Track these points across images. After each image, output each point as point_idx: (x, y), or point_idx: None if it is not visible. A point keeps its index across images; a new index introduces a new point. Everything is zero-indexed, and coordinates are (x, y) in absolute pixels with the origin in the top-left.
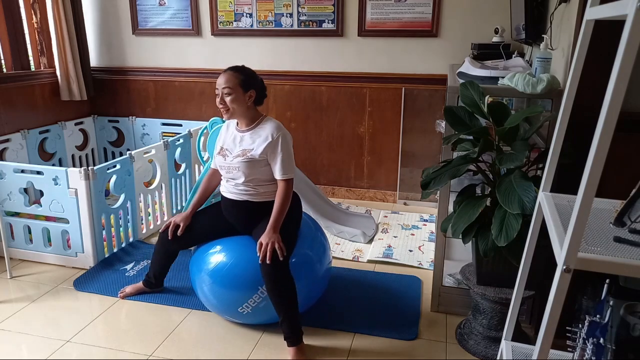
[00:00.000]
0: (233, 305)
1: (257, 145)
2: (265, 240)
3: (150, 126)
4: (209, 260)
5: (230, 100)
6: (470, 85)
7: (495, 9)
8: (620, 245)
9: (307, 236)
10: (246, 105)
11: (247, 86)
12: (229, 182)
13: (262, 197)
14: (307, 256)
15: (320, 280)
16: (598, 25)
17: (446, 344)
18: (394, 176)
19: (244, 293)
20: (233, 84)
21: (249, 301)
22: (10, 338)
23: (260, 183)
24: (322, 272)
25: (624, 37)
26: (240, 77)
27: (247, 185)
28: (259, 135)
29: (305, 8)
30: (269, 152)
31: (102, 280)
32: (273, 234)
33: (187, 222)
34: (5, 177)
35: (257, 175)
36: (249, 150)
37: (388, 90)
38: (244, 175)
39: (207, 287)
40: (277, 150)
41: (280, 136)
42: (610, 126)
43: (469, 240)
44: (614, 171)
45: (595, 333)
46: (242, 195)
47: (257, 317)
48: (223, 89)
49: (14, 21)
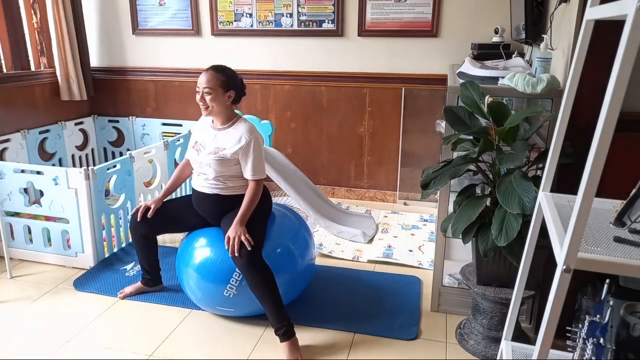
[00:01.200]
0: (219, 291)
1: (229, 145)
2: (232, 234)
3: (150, 126)
4: (191, 255)
5: (210, 99)
6: (470, 85)
7: (495, 9)
8: (620, 245)
9: (290, 230)
10: (224, 105)
11: (227, 87)
12: (200, 175)
13: (231, 191)
14: (288, 249)
15: (301, 275)
16: (598, 25)
17: (446, 344)
18: (394, 176)
19: (225, 276)
20: (214, 84)
21: (231, 281)
22: (10, 338)
23: (229, 179)
24: (303, 267)
25: (624, 37)
26: (221, 78)
27: (217, 180)
28: (232, 136)
29: (305, 8)
30: (241, 154)
31: (102, 280)
32: (239, 227)
33: (158, 206)
34: (5, 177)
35: (227, 172)
36: (221, 149)
37: (388, 90)
38: (215, 172)
39: (193, 281)
40: (249, 153)
41: (253, 139)
42: (610, 126)
43: (469, 240)
44: (614, 171)
45: (595, 333)
46: (212, 188)
47: (246, 300)
48: (204, 88)
49: (14, 21)
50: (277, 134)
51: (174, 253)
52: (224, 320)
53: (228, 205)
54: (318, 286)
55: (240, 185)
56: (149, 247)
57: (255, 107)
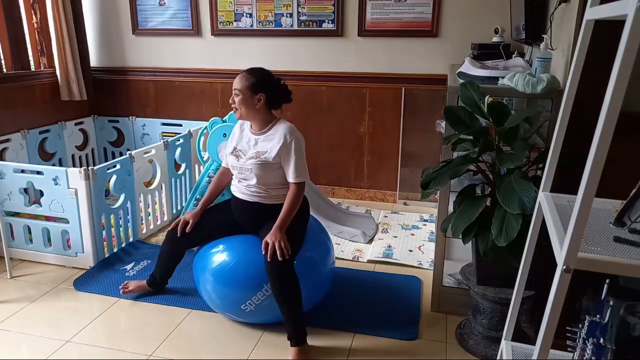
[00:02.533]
0: (236, 303)
1: (270, 148)
2: (270, 239)
3: (150, 126)
4: (213, 259)
5: (238, 102)
6: (470, 85)
7: (495, 9)
8: (620, 245)
9: (312, 238)
10: (255, 108)
11: (256, 89)
12: (241, 182)
13: (273, 200)
14: (311, 258)
15: (323, 281)
16: (598, 25)
17: (446, 344)
18: (394, 176)
19: (248, 291)
20: (242, 86)
21: (252, 299)
22: (10, 338)
23: (272, 186)
24: (325, 273)
25: (624, 37)
26: (251, 80)
27: (259, 187)
28: (272, 139)
29: (305, 8)
30: (282, 155)
31: (102, 280)
32: (279, 234)
33: (197, 219)
34: (5, 177)
35: (270, 179)
36: (263, 153)
37: (388, 90)
38: (257, 177)
39: (210, 285)
40: (291, 153)
41: (294, 140)
42: (610, 126)
43: (469, 240)
44: (614, 171)
45: (595, 333)
46: (253, 196)
47: (260, 316)
48: (234, 89)
49: (14, 21)
50: None
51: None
52: (225, 320)
53: (268, 214)
54: None
55: (282, 194)
56: (176, 258)
57: None
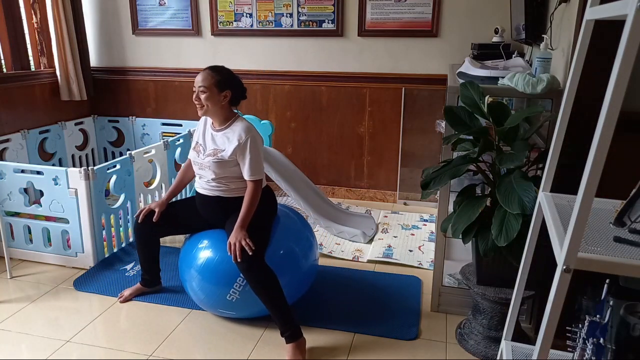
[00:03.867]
0: (221, 294)
1: (227, 146)
2: (232, 239)
3: (150, 126)
4: (194, 257)
5: (204, 98)
6: (470, 85)
7: (495, 9)
8: (620, 245)
9: (292, 231)
10: (220, 105)
11: (222, 86)
12: (202, 178)
13: (233, 193)
14: (292, 250)
15: (305, 275)
16: (598, 25)
17: (446, 344)
18: (394, 176)
19: (228, 279)
20: (208, 83)
21: (234, 285)
22: (10, 338)
23: (230, 180)
24: (307, 267)
25: (624, 37)
26: (217, 77)
27: (218, 182)
28: (229, 137)
29: (305, 8)
30: (238, 154)
31: (102, 280)
32: (240, 232)
33: (162, 209)
34: (5, 177)
35: (227, 174)
36: (220, 151)
37: (388, 90)
38: (214, 174)
39: (195, 283)
40: (246, 152)
41: (250, 138)
42: (610, 126)
43: (469, 240)
44: (614, 171)
45: (595, 333)
46: (214, 191)
47: (248, 304)
48: (199, 87)
49: (14, 21)
50: (277, 134)
51: (174, 253)
52: (224, 320)
53: (231, 207)
54: (318, 286)
55: (242, 187)
56: (150, 248)
57: (255, 107)
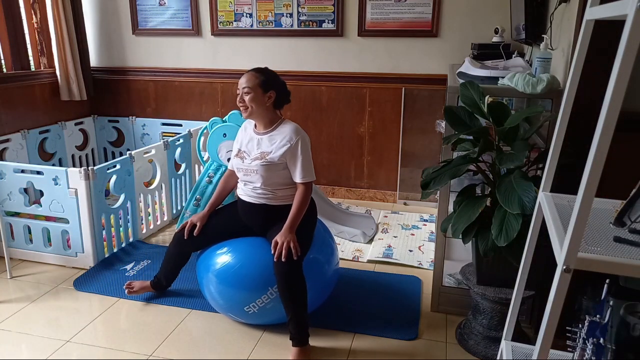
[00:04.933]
0: (240, 304)
1: (275, 148)
2: (281, 239)
3: (150, 126)
4: (217, 260)
5: (249, 99)
6: (470, 85)
7: (495, 9)
8: (620, 245)
9: (317, 239)
10: (265, 106)
11: (267, 87)
12: (247, 185)
13: (280, 201)
14: (317, 259)
15: (328, 283)
16: (598, 25)
17: (446, 344)
18: (394, 176)
19: (253, 293)
20: (253, 84)
21: (256, 301)
22: (10, 338)
23: (277, 187)
24: (330, 274)
25: (624, 37)
26: (261, 78)
27: (265, 188)
28: (277, 139)
29: (305, 8)
30: (288, 156)
31: (102, 280)
32: (289, 234)
33: (204, 222)
34: (5, 177)
35: (275, 179)
36: (268, 153)
37: (388, 90)
38: (262, 178)
39: (214, 286)
40: (297, 154)
41: (300, 140)
42: (610, 126)
43: (469, 240)
44: (614, 171)
45: (595, 333)
46: (260, 198)
47: (261, 318)
48: (243, 88)
49: (14, 21)
50: None
51: None
52: (224, 320)
53: (276, 215)
54: None
55: (289, 195)
56: (182, 260)
57: None
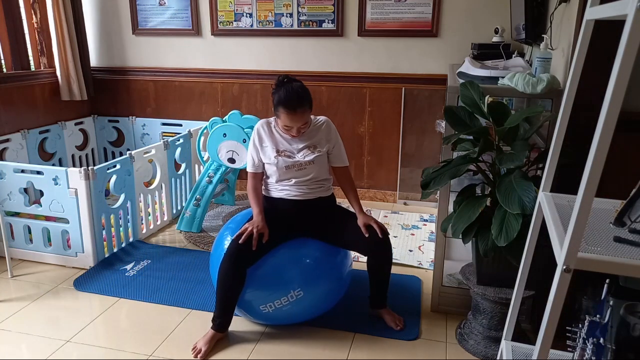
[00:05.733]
0: (258, 302)
1: (319, 139)
2: (369, 221)
3: (150, 126)
4: None
5: (306, 127)
6: (470, 85)
7: (495, 9)
8: (620, 245)
9: None
10: None
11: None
12: (299, 182)
13: (329, 191)
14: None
15: (343, 282)
16: (598, 25)
17: (446, 344)
18: (394, 176)
19: (275, 293)
20: (308, 116)
21: (275, 302)
22: (10, 338)
23: (325, 177)
24: (346, 272)
25: (624, 37)
26: (309, 105)
27: (318, 182)
28: (314, 131)
29: (305, 8)
30: (332, 143)
31: (102, 280)
32: (367, 215)
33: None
34: (5, 177)
35: (324, 169)
36: (315, 145)
37: (388, 90)
38: (317, 170)
39: None
40: (337, 136)
41: (332, 125)
42: (610, 126)
43: (469, 240)
44: (614, 171)
45: (595, 333)
46: (315, 192)
47: (272, 319)
48: (303, 125)
49: (14, 21)
50: None
51: (174, 253)
52: None
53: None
54: None
55: (331, 184)
56: (242, 283)
57: (255, 107)
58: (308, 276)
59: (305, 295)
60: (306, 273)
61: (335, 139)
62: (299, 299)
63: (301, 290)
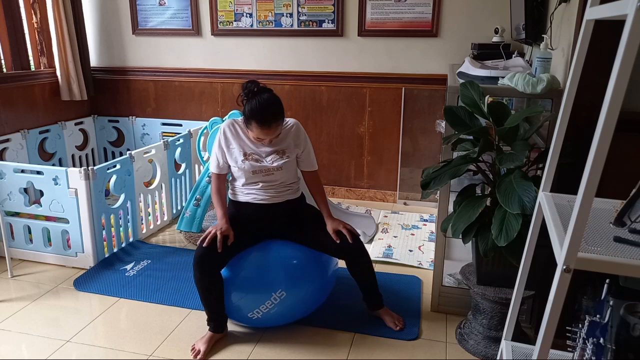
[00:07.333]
0: (243, 310)
1: (287, 144)
2: (338, 226)
3: (150, 126)
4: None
5: (278, 137)
6: (470, 85)
7: (495, 9)
8: (620, 245)
9: None
10: None
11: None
12: (264, 186)
13: (298, 193)
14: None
15: (328, 282)
16: (598, 25)
17: (446, 344)
18: (394, 176)
19: (256, 300)
20: (281, 127)
21: (260, 307)
22: (10, 338)
23: (293, 180)
24: (329, 274)
25: (624, 37)
26: (281, 118)
27: (285, 185)
28: (282, 135)
29: (305, 8)
30: (301, 147)
31: (102, 280)
32: (335, 220)
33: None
34: (5, 177)
35: (292, 172)
36: (283, 150)
37: (388, 90)
38: (286, 174)
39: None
40: (303, 140)
41: (301, 128)
42: (610, 126)
43: (469, 240)
44: (614, 171)
45: (595, 333)
46: (284, 195)
47: (265, 322)
48: (273, 138)
49: (14, 21)
50: None
51: (174, 253)
52: None
53: (302, 208)
54: None
55: (299, 187)
56: (220, 284)
57: None
58: (286, 275)
59: (289, 294)
60: (284, 273)
61: (304, 143)
62: (283, 299)
63: (283, 290)
